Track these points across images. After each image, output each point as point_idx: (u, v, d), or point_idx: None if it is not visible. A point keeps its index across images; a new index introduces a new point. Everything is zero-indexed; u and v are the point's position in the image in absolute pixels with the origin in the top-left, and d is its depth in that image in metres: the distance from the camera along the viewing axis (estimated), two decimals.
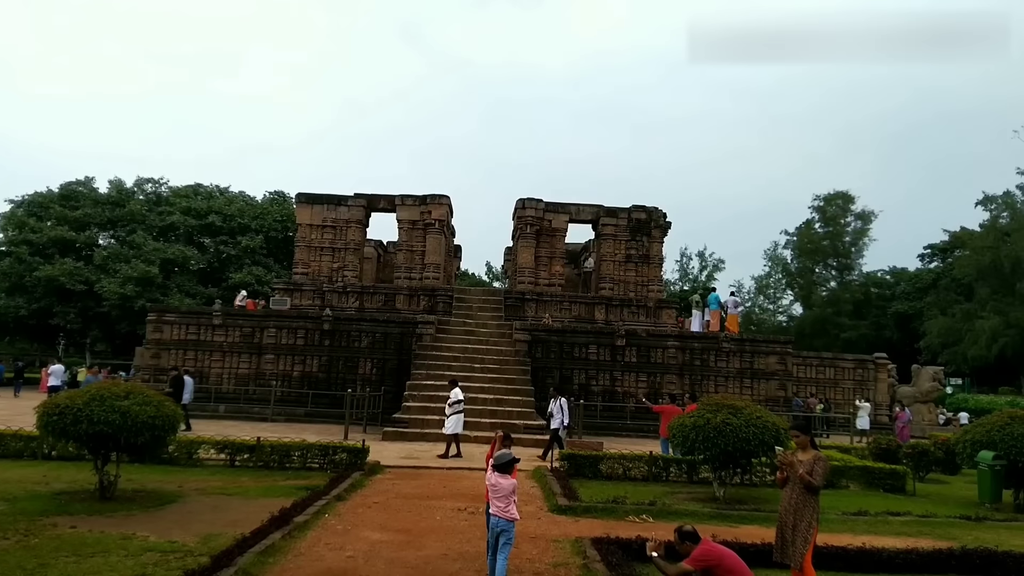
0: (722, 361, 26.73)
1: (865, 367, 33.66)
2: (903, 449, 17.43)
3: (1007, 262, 52.79)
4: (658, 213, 30.97)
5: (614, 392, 26.01)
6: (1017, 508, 12.87)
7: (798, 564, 6.46)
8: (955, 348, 54.90)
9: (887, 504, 12.43)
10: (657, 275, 31.15)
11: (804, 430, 7.12)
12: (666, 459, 14.70)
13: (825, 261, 71.92)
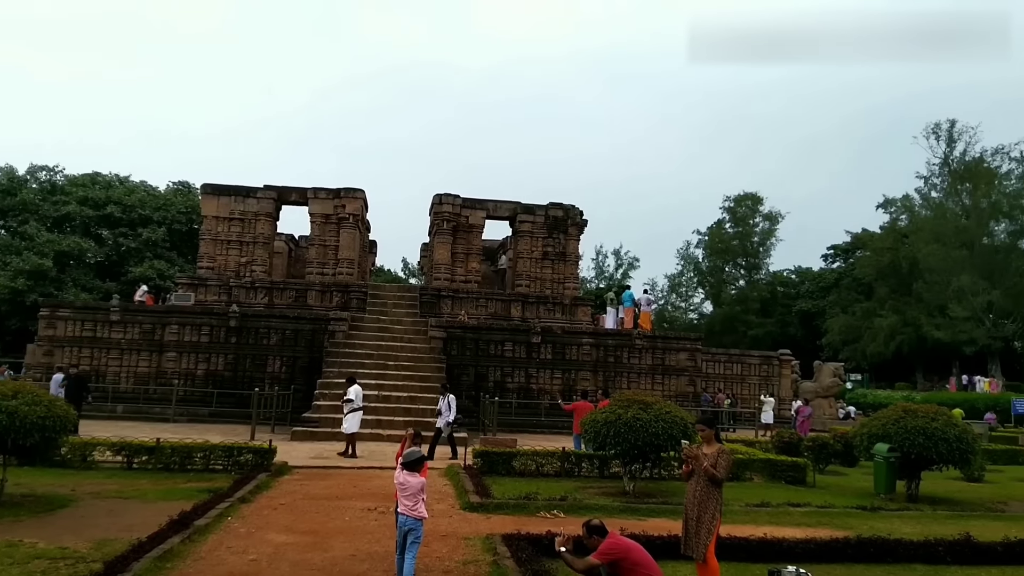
0: (635, 358, 27.24)
1: (770, 363, 35.03)
2: (804, 442, 18.17)
3: (905, 263, 56.09)
4: (575, 211, 31.30)
5: (529, 389, 26.11)
6: (909, 498, 13.53)
7: (701, 556, 6.55)
8: (855, 345, 57.98)
9: (788, 495, 12.88)
10: (573, 272, 31.47)
11: (709, 424, 7.23)
12: (578, 455, 14.81)
13: (734, 260, 74.69)
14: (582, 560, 5.87)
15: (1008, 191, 53.15)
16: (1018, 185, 53.41)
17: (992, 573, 8.10)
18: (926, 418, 13.54)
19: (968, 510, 12.71)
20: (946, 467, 14.08)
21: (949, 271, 50.78)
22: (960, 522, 10.84)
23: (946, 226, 53.16)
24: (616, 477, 13.71)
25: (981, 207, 52.67)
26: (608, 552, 5.74)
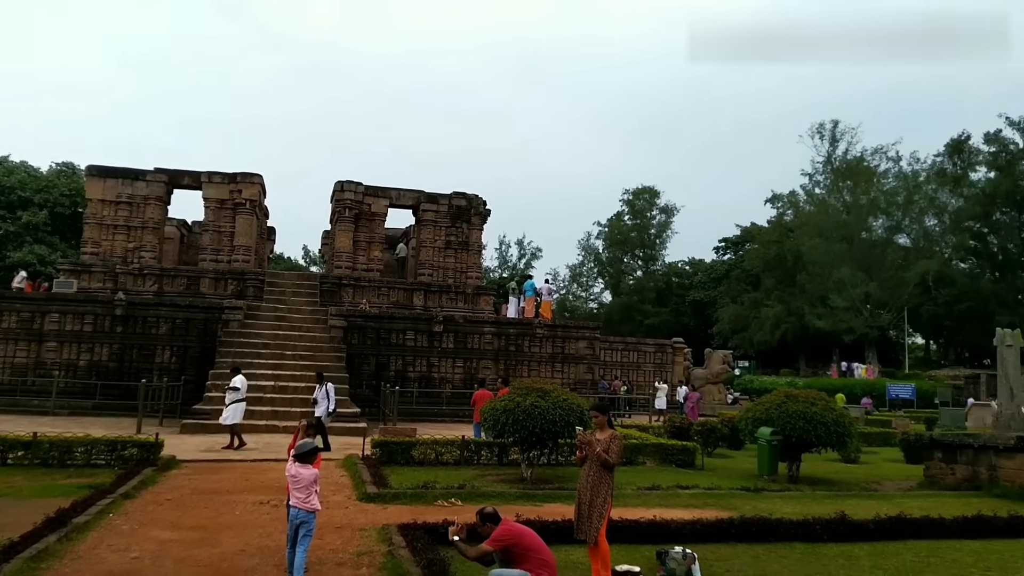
0: (536, 346, 27.60)
1: (664, 351, 36.32)
2: (694, 427, 18.95)
3: (790, 256, 59.26)
4: (478, 200, 31.31)
5: (431, 378, 26.01)
6: (791, 479, 14.28)
7: (593, 539, 6.70)
8: (744, 333, 60.91)
9: (678, 478, 13.38)
10: (476, 262, 31.52)
11: (603, 411, 7.39)
12: (477, 443, 14.88)
13: (633, 252, 76.85)
14: (475, 548, 5.91)
15: (885, 189, 57.09)
16: (894, 183, 57.44)
17: (864, 549, 8.63)
18: (806, 403, 14.30)
19: (844, 490, 13.48)
20: (825, 449, 14.88)
21: (830, 264, 54.07)
22: (837, 501, 11.49)
23: (828, 221, 56.55)
24: (515, 464, 13.86)
25: (860, 203, 56.28)
26: (500, 538, 5.80)
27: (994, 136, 57.13)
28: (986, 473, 13.23)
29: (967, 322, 54.95)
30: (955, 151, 59.29)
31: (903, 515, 9.61)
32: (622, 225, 75.67)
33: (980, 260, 59.14)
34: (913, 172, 57.66)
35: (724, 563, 7.73)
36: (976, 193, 56.66)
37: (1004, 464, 12.91)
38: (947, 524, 9.48)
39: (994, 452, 13.13)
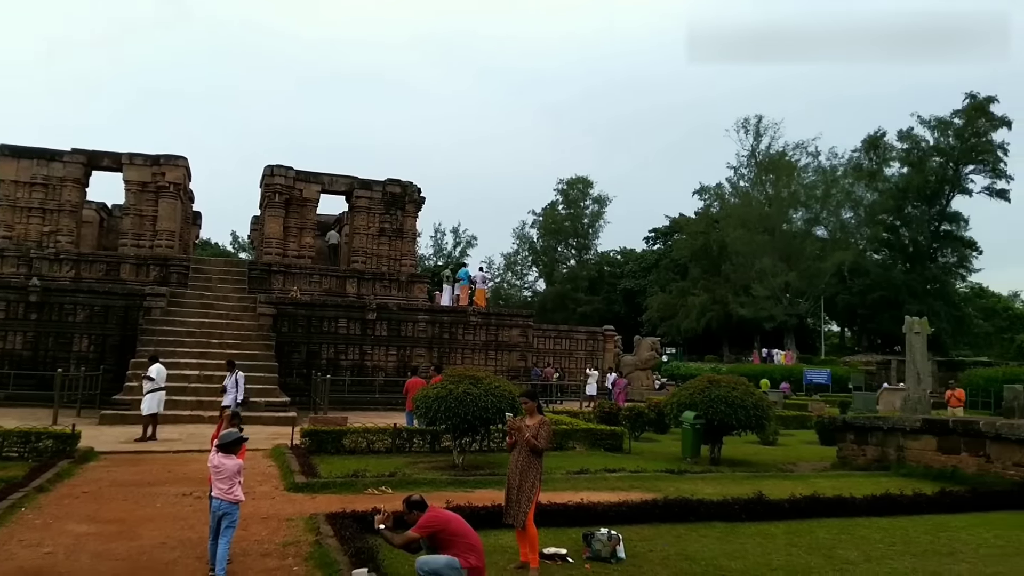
0: (470, 334, 27.67)
1: (596, 338, 36.95)
2: (622, 412, 19.38)
3: (715, 246, 60.99)
4: (413, 188, 31.05)
5: (364, 366, 25.77)
6: (712, 461, 14.81)
7: (521, 523, 6.82)
8: (671, 321, 62.44)
9: (606, 462, 13.68)
10: (411, 249, 31.31)
11: (532, 397, 7.51)
12: (410, 431, 14.86)
13: (566, 241, 77.65)
14: (401, 535, 5.95)
15: (805, 183, 59.31)
16: (813, 177, 59.73)
17: (780, 527, 9.02)
18: (728, 388, 14.84)
19: (762, 471, 14.05)
20: (745, 432, 15.54)
21: (753, 254, 55.94)
22: (755, 482, 11.94)
23: (751, 213, 58.44)
24: (447, 451, 13.92)
25: (782, 196, 58.37)
26: (426, 525, 5.86)
27: (907, 133, 60.10)
28: (894, 454, 14.02)
29: (879, 310, 57.75)
30: (871, 147, 62.12)
31: (817, 494, 10.09)
32: (556, 215, 76.34)
33: (892, 251, 62.21)
34: (831, 167, 60.16)
35: (648, 543, 7.97)
36: (890, 187, 59.53)
37: (910, 445, 13.70)
38: (857, 503, 10.00)
39: (902, 434, 13.91)
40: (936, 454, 13.10)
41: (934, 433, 13.29)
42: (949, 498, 10.47)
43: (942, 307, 56.55)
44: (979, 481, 11.75)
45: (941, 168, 58.81)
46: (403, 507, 6.13)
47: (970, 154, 57.79)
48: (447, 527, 5.89)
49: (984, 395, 30.62)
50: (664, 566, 7.10)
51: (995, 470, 11.90)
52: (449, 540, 5.83)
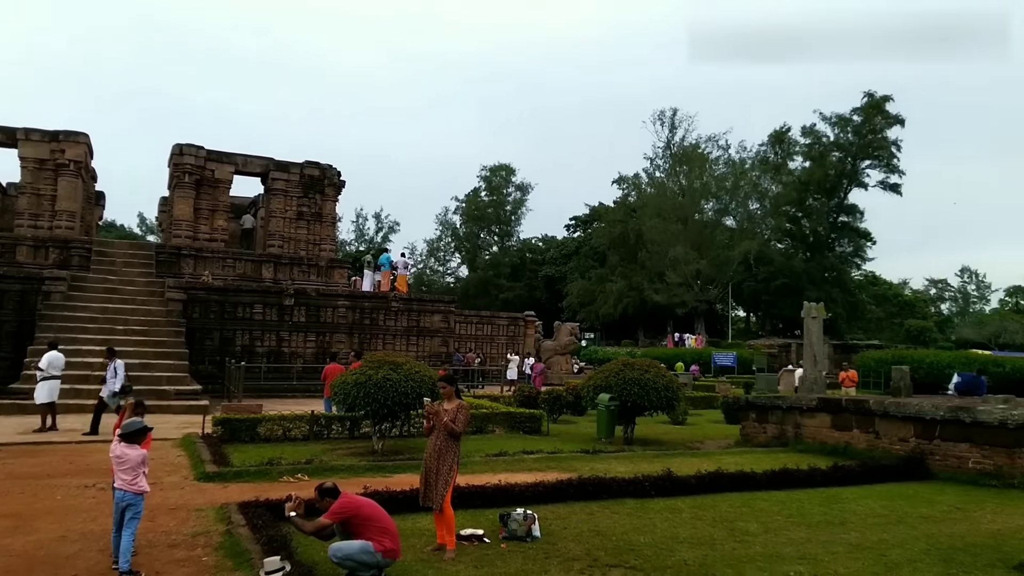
0: (391, 320, 27.48)
1: (517, 324, 37.32)
2: (541, 395, 19.73)
3: (632, 234, 62.45)
4: (332, 171, 30.46)
5: (281, 353, 25.24)
6: (626, 441, 15.30)
7: (439, 506, 6.90)
8: (590, 307, 63.69)
9: (525, 444, 13.94)
10: (330, 234, 30.76)
11: (450, 381, 7.59)
12: (328, 417, 14.70)
13: (489, 227, 77.85)
14: (312, 522, 5.94)
15: (716, 174, 61.40)
16: (724, 170, 61.90)
17: (687, 502, 9.43)
18: (640, 370, 15.35)
19: (672, 449, 14.64)
20: (657, 412, 16.11)
21: (667, 243, 57.63)
22: (664, 460, 12.40)
23: (666, 203, 60.18)
24: (366, 437, 13.85)
25: (694, 187, 60.30)
26: (338, 511, 5.86)
27: (810, 129, 63.16)
28: (792, 431, 14.84)
29: (782, 297, 60.64)
30: (777, 141, 64.97)
31: (721, 471, 10.61)
32: (479, 201, 76.39)
33: (794, 241, 65.37)
34: (740, 160, 62.48)
35: (562, 521, 8.21)
36: (793, 180, 62.43)
37: (807, 422, 14.53)
38: (758, 477, 10.56)
39: (799, 412, 14.74)
40: (831, 431, 13.95)
41: (829, 411, 14.14)
42: (841, 472, 11.19)
43: (839, 294, 59.92)
44: (868, 456, 12.60)
45: (840, 163, 62.09)
46: (315, 495, 6.12)
47: (867, 150, 61.23)
48: (360, 512, 5.91)
49: (875, 376, 32.62)
50: (577, 542, 7.33)
51: (883, 445, 12.77)
52: (363, 525, 5.86)
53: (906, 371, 18.82)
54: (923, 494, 10.28)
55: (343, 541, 5.87)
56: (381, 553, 5.79)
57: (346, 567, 5.82)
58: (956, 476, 11.35)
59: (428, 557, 6.70)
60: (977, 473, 11.19)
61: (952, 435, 11.69)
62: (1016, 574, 6.61)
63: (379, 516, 5.98)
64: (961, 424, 11.55)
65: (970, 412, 11.53)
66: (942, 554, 7.22)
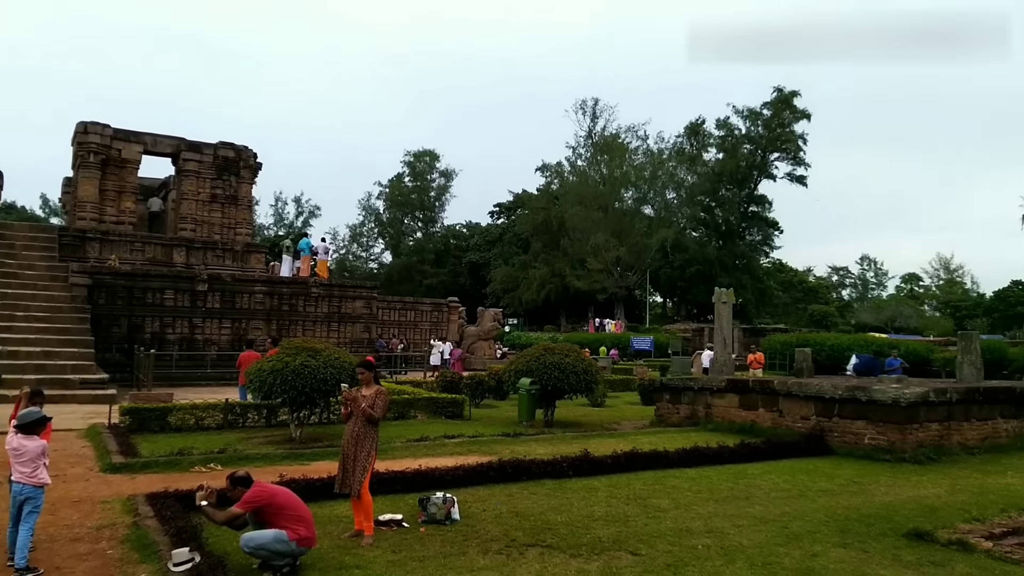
0: (311, 306, 26.94)
1: (440, 310, 37.25)
2: (463, 380, 19.79)
3: (555, 222, 63.19)
4: (248, 152, 29.51)
5: (194, 340, 24.40)
6: (546, 423, 15.53)
7: (356, 492, 6.86)
8: (514, 293, 64.18)
9: (446, 429, 13.98)
10: (246, 217, 29.84)
11: (368, 367, 7.51)
12: (244, 405, 14.34)
13: (413, 213, 77.20)
14: (224, 512, 5.82)
15: (635, 164, 62.76)
16: (642, 159, 63.30)
17: (603, 481, 9.66)
18: (561, 355, 15.61)
19: (590, 431, 14.94)
20: (576, 395, 16.42)
21: (588, 230, 58.63)
22: (583, 441, 12.69)
23: (587, 191, 61.22)
24: (284, 425, 13.58)
25: (615, 176, 61.50)
26: (251, 500, 5.76)
27: (723, 122, 65.30)
28: (703, 411, 15.42)
29: (696, 283, 62.77)
30: (692, 133, 66.93)
31: (636, 450, 10.92)
32: (403, 187, 75.59)
33: (708, 230, 67.69)
34: (659, 150, 64.06)
35: (482, 503, 8.30)
36: (707, 171, 64.54)
37: (717, 403, 15.13)
38: (670, 456, 10.94)
39: (709, 393, 15.32)
40: (739, 410, 14.57)
41: (737, 392, 14.76)
42: (748, 449, 11.72)
43: (748, 280, 62.46)
44: (773, 433, 13.23)
45: (751, 155, 64.55)
46: (227, 484, 5.99)
47: (775, 143, 63.85)
48: (273, 501, 5.82)
49: (781, 358, 34.20)
50: (496, 524, 7.44)
51: (786, 423, 13.44)
52: (276, 514, 5.77)
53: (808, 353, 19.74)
54: (823, 469, 10.88)
55: (256, 531, 5.78)
56: (295, 542, 5.73)
57: (259, 556, 5.74)
58: (853, 451, 12.05)
59: (345, 544, 6.66)
60: (872, 448, 11.91)
61: (849, 413, 12.41)
62: (905, 541, 7.09)
63: (294, 504, 5.91)
64: (858, 403, 12.27)
65: (866, 391, 12.26)
66: (839, 525, 7.67)
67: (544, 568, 6.05)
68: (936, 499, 8.96)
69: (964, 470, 10.99)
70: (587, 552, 6.53)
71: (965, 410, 12.83)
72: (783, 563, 6.32)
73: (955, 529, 7.42)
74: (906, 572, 6.15)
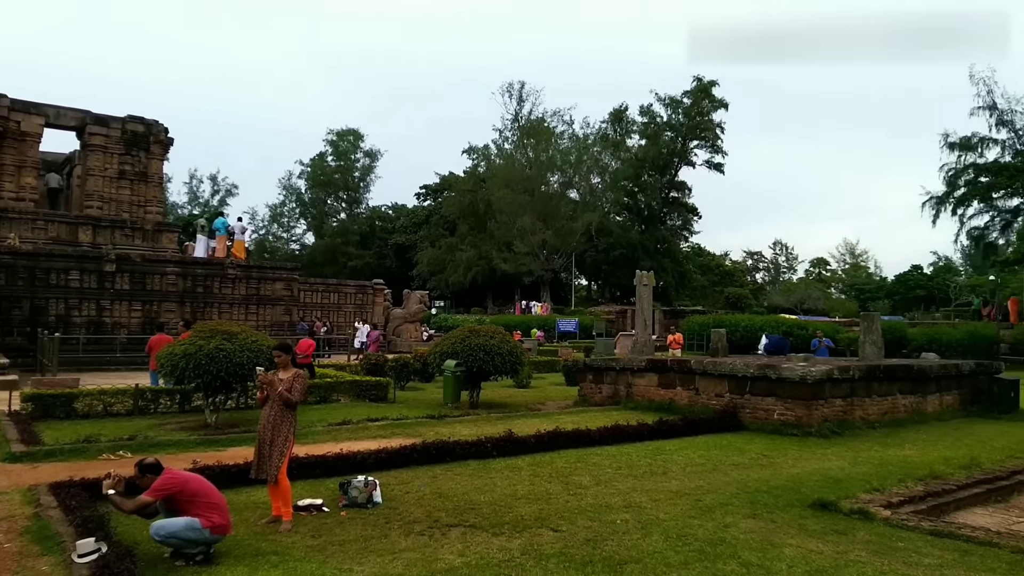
0: (228, 287, 26.08)
1: (365, 292, 36.74)
2: (388, 363, 19.61)
3: (482, 204, 63.13)
4: (159, 127, 28.20)
5: (102, 323, 23.28)
6: (472, 405, 15.56)
7: (273, 477, 6.71)
8: (441, 275, 63.90)
9: (369, 412, 13.82)
10: (157, 195, 28.57)
11: (285, 350, 7.33)
12: (156, 391, 13.80)
13: (336, 193, 75.61)
14: (132, 501, 5.60)
15: (561, 148, 63.23)
16: (568, 143, 63.83)
17: (526, 460, 9.77)
18: (486, 336, 15.66)
19: (515, 411, 15.06)
20: (502, 377, 16.55)
21: (515, 213, 58.88)
22: (507, 422, 12.77)
23: (514, 174, 61.36)
24: (199, 411, 13.15)
25: (541, 160, 61.85)
26: (161, 488, 5.57)
27: (647, 109, 66.44)
28: (624, 390, 15.77)
29: (619, 266, 64.04)
30: (616, 119, 67.89)
31: (559, 429, 11.10)
32: (325, 166, 73.83)
33: (631, 214, 69.05)
34: (584, 135, 64.71)
35: (405, 485, 8.27)
36: (630, 157, 65.66)
37: (637, 382, 15.50)
38: (592, 434, 11.16)
39: (631, 373, 15.68)
40: (658, 389, 14.98)
41: (656, 371, 15.16)
42: (666, 426, 12.08)
43: (669, 264, 64.15)
44: (690, 411, 13.66)
45: (672, 142, 66.03)
46: (135, 471, 5.76)
47: (695, 131, 65.48)
48: (186, 488, 5.64)
49: (699, 339, 35.34)
50: (419, 505, 7.42)
51: (702, 401, 13.91)
52: (189, 501, 5.59)
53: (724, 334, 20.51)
54: (735, 444, 11.33)
55: (167, 519, 5.59)
56: (209, 529, 5.56)
57: (170, 545, 5.56)
58: (764, 427, 12.59)
59: (262, 530, 6.52)
60: (781, 424, 12.46)
61: (760, 390, 12.94)
62: (811, 511, 7.46)
63: (207, 491, 5.73)
64: (768, 380, 12.81)
65: (775, 369, 12.81)
66: (749, 497, 8.01)
67: (467, 547, 6.08)
68: (840, 471, 9.45)
69: (866, 443, 11.64)
70: (510, 530, 6.59)
71: (867, 387, 13.58)
72: (696, 534, 6.55)
73: (857, 499, 7.85)
74: (811, 540, 6.47)
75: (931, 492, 8.43)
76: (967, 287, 69.64)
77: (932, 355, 18.24)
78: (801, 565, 5.78)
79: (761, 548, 6.19)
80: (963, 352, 29.45)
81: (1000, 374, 16.97)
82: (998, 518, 8.14)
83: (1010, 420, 15.08)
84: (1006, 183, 43.73)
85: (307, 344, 17.38)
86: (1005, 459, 10.59)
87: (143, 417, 13.09)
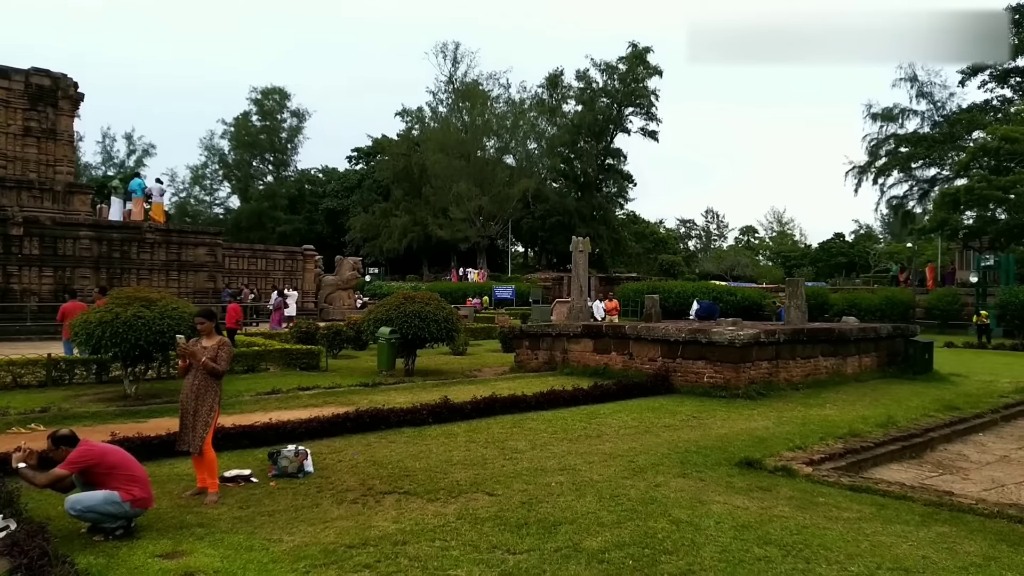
0: (146, 253, 24.96)
1: (295, 258, 35.81)
2: (320, 331, 19.18)
3: (416, 169, 62.13)
4: (67, 81, 26.47)
5: (9, 290, 22.00)
6: (407, 372, 15.41)
7: (198, 448, 6.47)
8: (375, 241, 62.84)
9: (300, 381, 13.52)
10: (67, 154, 26.94)
11: (209, 316, 7.02)
12: (70, 361, 13.13)
13: (262, 155, 73.08)
14: (46, 474, 5.28)
15: (497, 112, 62.58)
16: (504, 108, 63.23)
17: (463, 427, 9.73)
18: (421, 303, 15.45)
19: (451, 378, 15.02)
20: (438, 344, 16.42)
21: (450, 178, 58.21)
22: (443, 389, 12.70)
23: (449, 138, 60.46)
24: (118, 381, 12.59)
25: (477, 124, 61.09)
26: (77, 460, 5.26)
27: (583, 74, 66.22)
28: (560, 356, 15.90)
29: (556, 233, 64.37)
30: (552, 85, 67.45)
31: (495, 395, 11.09)
32: (250, 126, 71.10)
33: (568, 181, 69.23)
34: (520, 100, 64.21)
35: (337, 454, 8.11)
36: (567, 123, 65.56)
37: (573, 348, 15.63)
38: (528, 400, 11.21)
39: (566, 339, 15.80)
40: (593, 355, 15.15)
41: (591, 337, 15.32)
42: (600, 391, 12.24)
43: (605, 231, 64.75)
44: (624, 375, 13.88)
45: (607, 108, 66.11)
46: (48, 444, 5.42)
47: (630, 97, 65.67)
48: (103, 460, 5.34)
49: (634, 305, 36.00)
50: (352, 474, 7.29)
51: (636, 365, 14.13)
52: (107, 474, 5.31)
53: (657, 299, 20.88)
54: (667, 407, 11.56)
55: (84, 492, 5.29)
56: (129, 502, 5.30)
57: (87, 519, 5.28)
58: (694, 390, 12.90)
59: (187, 502, 6.28)
60: (711, 386, 12.79)
61: (691, 354, 13.23)
62: (738, 470, 7.67)
63: (127, 464, 5.45)
64: (698, 344, 13.09)
65: (706, 334, 13.09)
66: (680, 457, 8.18)
67: (401, 514, 5.99)
68: (765, 431, 9.76)
69: (789, 404, 12.06)
70: (445, 496, 6.54)
71: (791, 350, 14.05)
72: (629, 494, 6.63)
73: (780, 457, 8.12)
74: (737, 497, 6.64)
75: (850, 449, 8.78)
76: (886, 254, 73.03)
77: (852, 319, 19.02)
78: (728, 521, 5.93)
79: (690, 506, 6.33)
80: (881, 316, 30.88)
81: (915, 337, 17.84)
82: (912, 473, 8.55)
83: (924, 380, 15.89)
84: (924, 153, 45.74)
85: (235, 309, 16.83)
86: (919, 417, 11.14)
87: (57, 388, 12.46)
